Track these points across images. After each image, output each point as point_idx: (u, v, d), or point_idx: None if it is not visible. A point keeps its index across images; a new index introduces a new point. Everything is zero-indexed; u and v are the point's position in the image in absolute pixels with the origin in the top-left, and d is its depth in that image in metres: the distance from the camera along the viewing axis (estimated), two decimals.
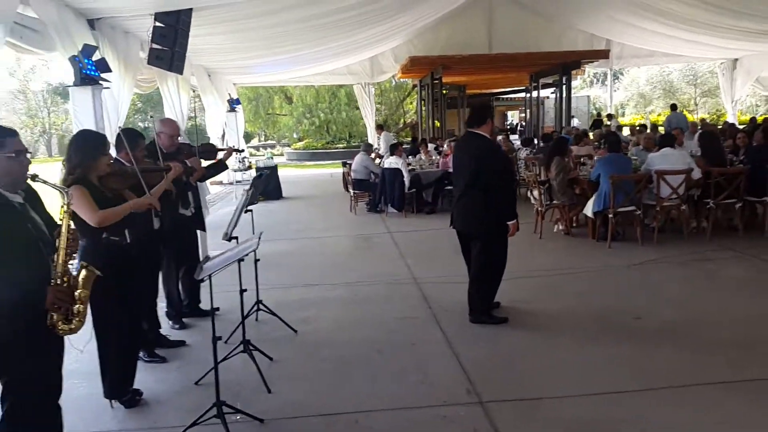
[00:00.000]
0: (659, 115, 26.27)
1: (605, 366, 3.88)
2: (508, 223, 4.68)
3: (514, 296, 5.26)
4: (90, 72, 7.03)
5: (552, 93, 23.67)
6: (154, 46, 7.71)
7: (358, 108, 26.24)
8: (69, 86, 7.21)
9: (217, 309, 5.23)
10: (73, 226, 2.62)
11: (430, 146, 12.55)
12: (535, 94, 22.90)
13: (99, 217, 3.22)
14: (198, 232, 5.22)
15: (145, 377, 3.89)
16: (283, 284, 6.02)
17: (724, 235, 7.18)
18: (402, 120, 27.10)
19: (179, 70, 8.51)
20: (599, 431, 3.10)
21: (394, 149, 10.26)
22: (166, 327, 4.85)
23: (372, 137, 20.25)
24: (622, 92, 33.34)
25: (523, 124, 26.49)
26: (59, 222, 2.60)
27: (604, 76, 39.29)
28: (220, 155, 5.40)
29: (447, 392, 3.62)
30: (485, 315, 4.79)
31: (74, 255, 2.62)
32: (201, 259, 5.21)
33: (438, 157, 11.58)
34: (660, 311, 4.82)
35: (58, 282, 2.53)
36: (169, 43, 7.74)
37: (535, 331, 4.59)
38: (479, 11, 18.20)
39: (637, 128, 16.02)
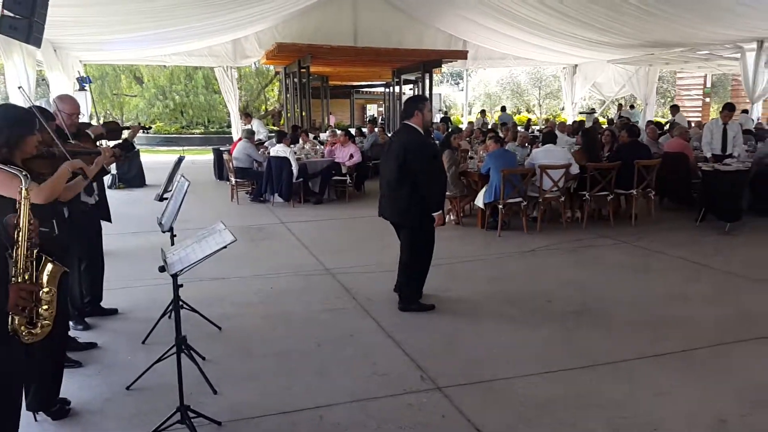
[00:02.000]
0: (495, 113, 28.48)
1: (539, 347, 4.14)
2: (434, 214, 4.79)
3: (430, 284, 5.37)
4: None
5: (410, 89, 24.49)
6: (7, 13, 6.80)
7: (216, 92, 25.12)
8: None
9: (115, 311, 4.83)
10: (31, 215, 2.24)
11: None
12: (397, 89, 23.55)
13: (46, 193, 2.77)
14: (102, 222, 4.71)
15: (66, 385, 3.42)
16: (186, 279, 5.60)
17: (596, 224, 7.96)
18: (263, 107, 26.42)
19: (37, 43, 7.61)
20: (560, 407, 3.30)
21: (281, 138, 9.99)
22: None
23: (236, 123, 19.54)
24: (471, 92, 35.41)
25: (383, 118, 27.08)
26: (18, 206, 2.22)
27: (451, 76, 41.56)
28: (125, 134, 4.89)
29: (402, 381, 3.63)
30: (414, 303, 4.87)
31: (35, 248, 2.25)
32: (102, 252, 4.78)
33: (320, 146, 11.48)
34: (566, 294, 5.23)
35: (19, 280, 2.16)
36: (26, 11, 6.88)
37: (463, 316, 4.76)
38: (345, 3, 18.30)
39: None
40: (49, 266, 2.28)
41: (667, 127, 13.41)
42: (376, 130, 14.23)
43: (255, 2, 14.45)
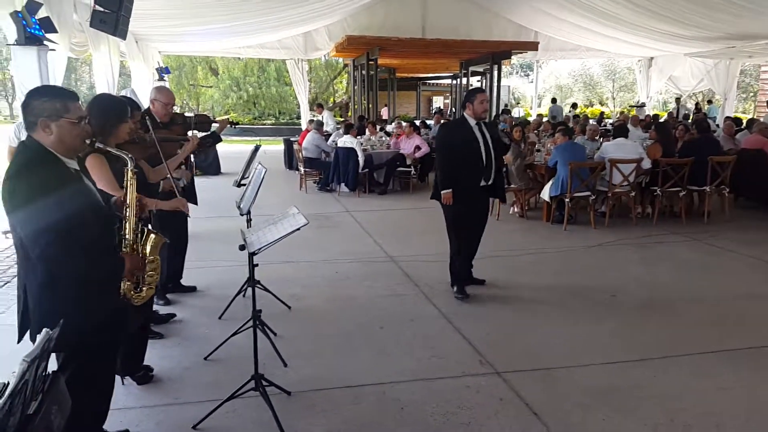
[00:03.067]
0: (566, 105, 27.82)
1: (599, 339, 4.16)
2: (442, 192, 4.97)
3: (492, 275, 5.48)
4: (35, 31, 6.54)
5: (478, 81, 24.30)
6: (98, 8, 7.29)
7: (287, 84, 25.78)
8: (11, 45, 6.68)
9: (194, 288, 5.17)
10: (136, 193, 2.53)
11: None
12: (464, 81, 23.44)
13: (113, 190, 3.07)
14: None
15: (149, 354, 3.74)
16: (260, 260, 5.90)
17: (667, 221, 7.77)
18: (332, 99, 26.90)
19: (123, 35, 8.12)
20: (618, 396, 3.33)
21: (348, 129, 10.23)
22: None
23: (306, 114, 20.02)
24: (540, 84, 34.74)
25: (453, 110, 27.02)
26: (124, 189, 2.51)
27: (520, 67, 40.86)
28: (215, 127, 5.21)
29: (461, 364, 3.75)
30: (454, 283, 5.13)
31: (141, 221, 2.54)
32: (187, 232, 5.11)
33: (386, 138, 11.66)
34: (631, 289, 5.19)
35: (128, 250, 2.45)
36: (114, 6, 7.36)
37: (525, 307, 4.82)
38: None
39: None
40: (152, 237, 2.56)
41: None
42: (441, 121, 14.23)
43: None
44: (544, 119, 14.95)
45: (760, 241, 6.72)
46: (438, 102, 34.51)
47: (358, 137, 10.39)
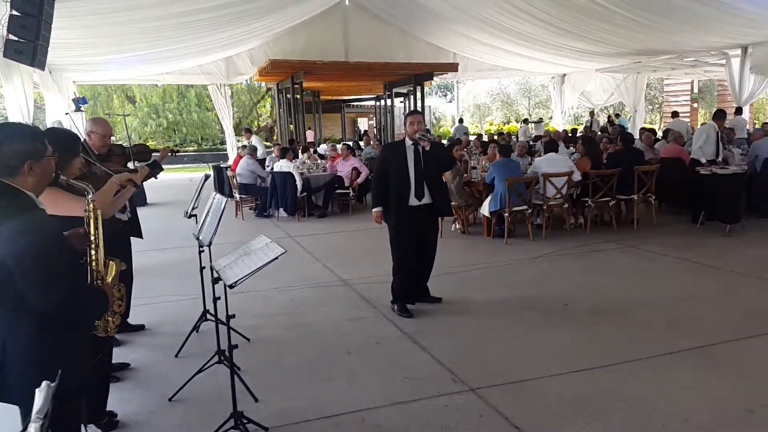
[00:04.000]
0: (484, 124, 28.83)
1: (560, 348, 4.27)
2: (373, 210, 5.20)
3: (445, 291, 5.54)
4: None
5: (401, 102, 24.76)
6: (12, 37, 6.93)
7: (208, 109, 25.24)
8: None
9: (142, 327, 4.92)
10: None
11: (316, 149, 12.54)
12: (388, 102, 23.82)
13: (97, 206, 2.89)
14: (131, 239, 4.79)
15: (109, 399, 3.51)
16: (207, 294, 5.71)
17: (599, 229, 8.13)
18: (256, 123, 26.55)
19: (41, 66, 7.78)
20: (591, 403, 3.42)
21: (284, 153, 10.12)
22: None
23: (231, 140, 19.68)
24: (459, 103, 35.80)
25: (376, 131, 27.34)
26: (88, 218, 2.37)
27: (439, 88, 41.97)
28: (155, 156, 5.01)
29: (434, 384, 3.75)
30: (398, 305, 5.14)
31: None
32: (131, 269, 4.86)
33: (321, 161, 11.62)
34: (581, 298, 5.38)
35: (97, 282, 2.33)
36: (31, 35, 7.02)
37: (484, 321, 4.88)
38: (335, 19, 18.56)
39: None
40: (112, 265, 2.42)
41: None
42: (372, 143, 14.37)
43: (246, 21, 14.70)
44: (472, 138, 15.40)
45: (688, 244, 7.15)
46: (363, 123, 34.79)
47: (295, 161, 10.29)
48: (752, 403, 3.34)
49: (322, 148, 16.54)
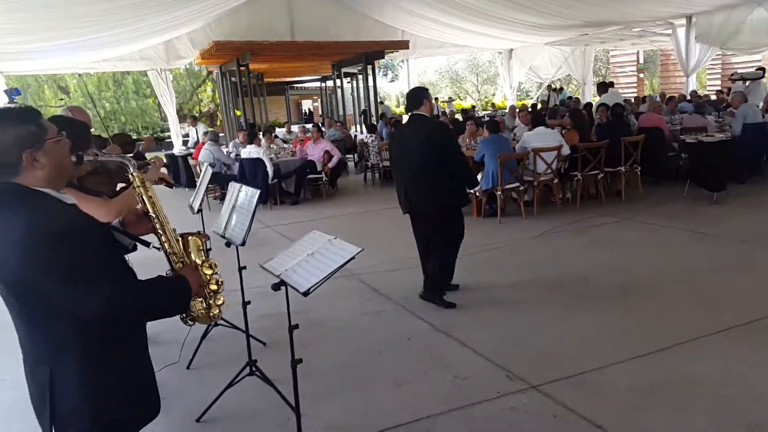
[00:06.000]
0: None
1: (605, 332, 4.03)
2: (474, 189, 4.81)
3: (458, 277, 5.22)
4: None
5: (348, 82, 24.22)
6: None
7: (147, 96, 23.90)
8: None
9: None
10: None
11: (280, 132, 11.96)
12: (338, 82, 23.23)
13: (115, 210, 2.40)
14: None
15: None
16: None
17: (587, 203, 7.99)
18: (197, 109, 25.38)
19: None
20: (666, 392, 3.19)
21: (252, 138, 9.51)
22: None
23: (175, 127, 18.73)
24: (403, 82, 35.44)
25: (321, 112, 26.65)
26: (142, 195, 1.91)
27: (379, 67, 41.50)
28: (139, 147, 4.43)
29: (490, 383, 3.43)
30: (438, 297, 4.72)
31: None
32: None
33: (287, 144, 11.04)
34: (600, 275, 5.18)
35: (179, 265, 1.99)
36: None
37: (512, 307, 4.60)
38: None
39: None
40: (192, 240, 2.04)
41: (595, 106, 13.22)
42: (336, 124, 13.87)
43: (186, 3, 13.86)
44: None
45: (682, 214, 7.10)
46: (308, 105, 33.99)
47: (264, 146, 9.71)
48: None
49: (281, 132, 15.93)
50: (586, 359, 3.63)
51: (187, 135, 21.40)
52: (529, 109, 11.36)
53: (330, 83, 27.34)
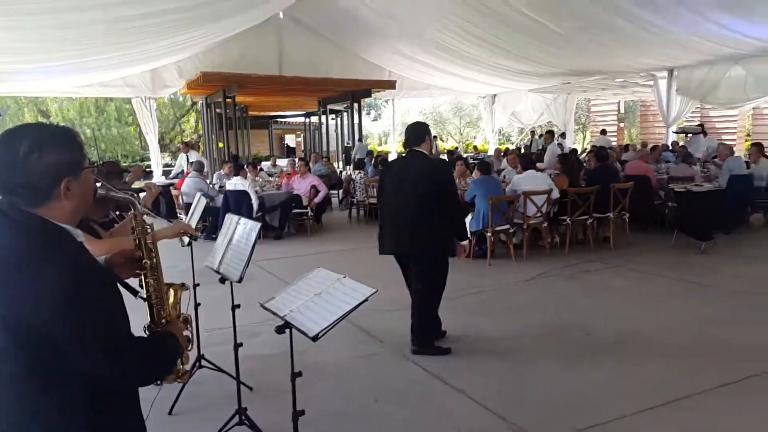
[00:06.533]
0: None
1: (612, 385, 3.88)
2: (463, 243, 4.58)
3: (449, 320, 5.07)
4: None
5: (333, 119, 24.33)
6: None
7: (129, 124, 23.61)
8: None
9: None
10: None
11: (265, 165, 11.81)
12: (323, 119, 23.32)
13: (105, 251, 2.20)
14: None
15: None
16: None
17: (575, 248, 7.92)
18: (179, 139, 25.10)
19: None
20: None
21: (239, 170, 9.33)
22: None
23: (155, 156, 18.46)
24: (386, 122, 35.75)
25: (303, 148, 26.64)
26: (143, 243, 1.72)
27: (365, 106, 41.98)
28: (127, 178, 4.24)
29: None
30: (430, 348, 4.49)
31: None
32: None
33: (273, 178, 10.89)
34: (598, 324, 5.05)
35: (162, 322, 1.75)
36: None
37: (509, 355, 4.44)
38: (269, 32, 17.95)
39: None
40: (172, 292, 1.83)
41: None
42: (322, 160, 13.78)
43: (177, 32, 13.81)
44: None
45: (673, 263, 7.05)
46: (289, 140, 33.97)
47: (251, 178, 9.53)
48: None
49: (266, 166, 15.79)
50: (592, 413, 3.46)
51: (168, 165, 21.16)
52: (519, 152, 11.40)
53: (315, 119, 27.53)
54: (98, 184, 1.68)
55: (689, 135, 16.18)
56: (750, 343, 4.48)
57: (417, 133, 4.60)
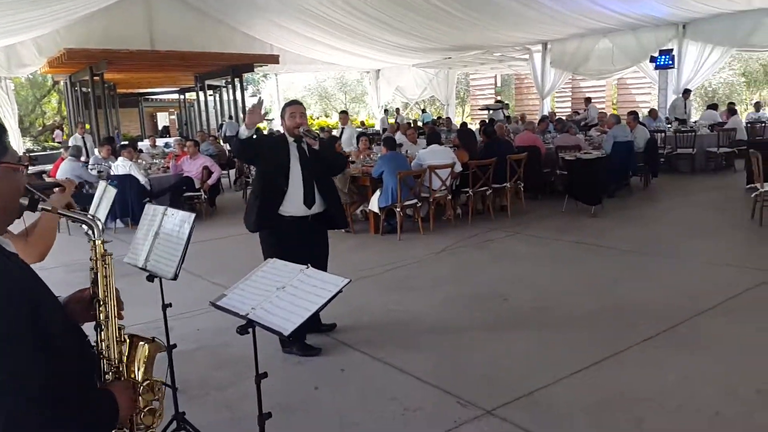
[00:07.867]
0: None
1: (538, 350, 4.01)
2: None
3: (374, 297, 5.04)
4: None
5: (211, 95, 23.28)
6: None
7: None
8: None
9: None
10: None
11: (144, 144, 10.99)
12: (201, 95, 22.25)
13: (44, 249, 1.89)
14: None
15: None
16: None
17: (476, 218, 8.13)
18: (40, 121, 22.82)
19: None
20: (619, 406, 3.20)
21: (117, 153, 8.60)
22: None
23: (17, 142, 16.75)
24: (266, 98, 34.81)
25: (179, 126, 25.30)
26: (97, 272, 1.46)
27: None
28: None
29: (445, 412, 3.24)
30: (296, 344, 4.08)
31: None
32: None
33: (156, 160, 10.17)
34: (514, 290, 5.20)
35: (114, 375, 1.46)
36: None
37: (437, 328, 4.47)
38: (137, 5, 16.81)
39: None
40: (143, 346, 1.52)
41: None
42: (209, 138, 13.11)
43: (35, 5, 12.51)
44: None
45: (568, 227, 7.46)
46: (163, 118, 32.04)
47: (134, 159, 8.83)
48: (763, 382, 3.35)
49: (145, 146, 14.81)
50: (529, 379, 3.55)
51: (30, 150, 19.20)
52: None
53: (191, 95, 26.10)
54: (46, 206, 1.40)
55: (491, 110, 18.72)
56: (649, 299, 4.81)
57: None
